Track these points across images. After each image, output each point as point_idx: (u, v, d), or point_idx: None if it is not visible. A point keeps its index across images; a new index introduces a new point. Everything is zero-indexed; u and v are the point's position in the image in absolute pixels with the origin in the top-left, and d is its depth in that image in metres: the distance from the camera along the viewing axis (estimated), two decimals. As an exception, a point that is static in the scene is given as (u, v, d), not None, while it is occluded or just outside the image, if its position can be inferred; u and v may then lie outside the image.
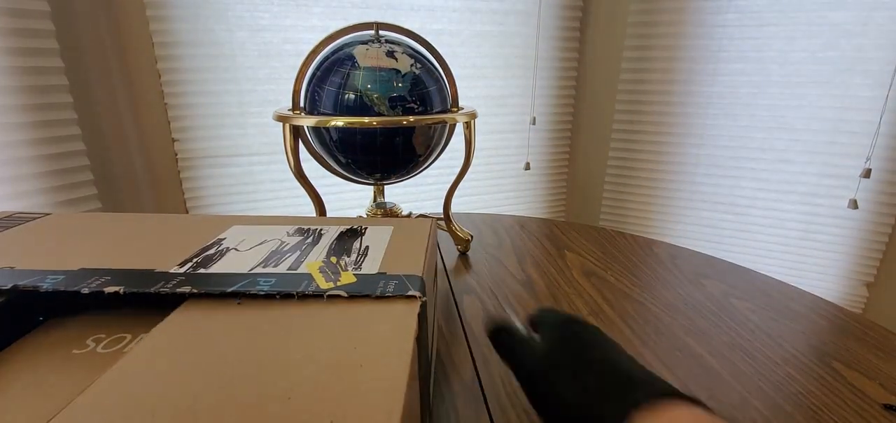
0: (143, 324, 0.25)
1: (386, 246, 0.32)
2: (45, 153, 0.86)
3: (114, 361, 0.21)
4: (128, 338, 0.24)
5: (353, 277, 0.28)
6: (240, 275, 0.27)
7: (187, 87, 1.00)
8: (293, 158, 0.53)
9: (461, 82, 1.20)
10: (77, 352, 0.23)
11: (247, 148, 1.09)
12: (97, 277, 0.26)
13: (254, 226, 0.36)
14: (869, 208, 1.16)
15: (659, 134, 1.29)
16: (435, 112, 0.53)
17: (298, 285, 0.26)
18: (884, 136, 1.10)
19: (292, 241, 0.33)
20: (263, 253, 0.30)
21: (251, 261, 0.29)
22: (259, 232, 0.34)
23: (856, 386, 0.38)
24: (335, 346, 0.22)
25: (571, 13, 1.27)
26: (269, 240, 0.33)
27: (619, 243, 0.69)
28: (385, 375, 0.20)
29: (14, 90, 0.81)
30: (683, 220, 1.33)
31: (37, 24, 0.83)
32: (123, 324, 0.25)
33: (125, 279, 0.26)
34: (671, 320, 0.48)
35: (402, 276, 0.28)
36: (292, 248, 0.32)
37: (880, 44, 1.05)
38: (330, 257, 0.30)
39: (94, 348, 0.23)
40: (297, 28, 1.04)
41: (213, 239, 0.32)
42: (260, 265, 0.29)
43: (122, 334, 0.24)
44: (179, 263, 0.28)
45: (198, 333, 0.23)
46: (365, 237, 0.34)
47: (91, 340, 0.24)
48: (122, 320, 0.26)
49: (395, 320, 0.24)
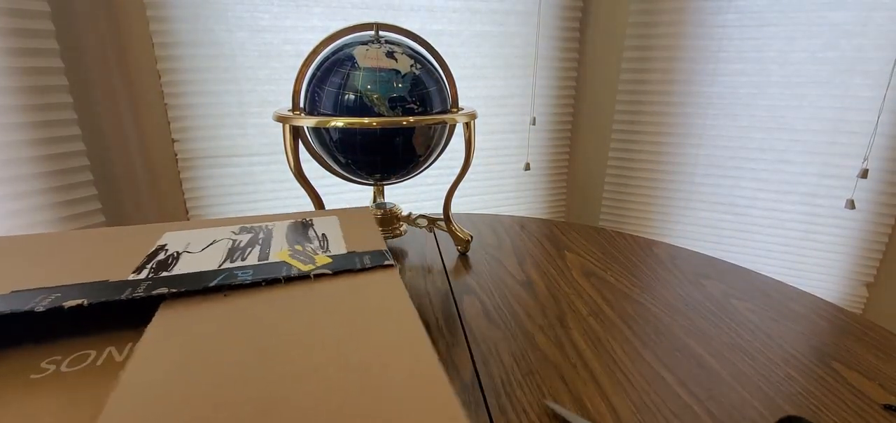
0: (107, 338, 0.23)
1: (341, 231, 0.33)
2: (45, 154, 0.86)
3: (87, 378, 0.20)
4: (92, 354, 0.22)
5: (329, 258, 0.28)
6: (212, 272, 0.26)
7: (187, 87, 1.00)
8: (293, 159, 0.53)
9: (461, 83, 1.20)
10: (36, 377, 0.20)
11: (247, 148, 1.09)
12: (45, 294, 0.23)
13: (189, 230, 0.33)
14: (869, 209, 1.16)
15: (659, 134, 1.29)
16: (435, 113, 0.53)
17: (279, 271, 0.26)
18: (883, 136, 1.10)
19: (245, 238, 0.32)
20: (221, 251, 0.29)
21: (213, 260, 0.28)
22: (201, 235, 0.32)
23: (856, 387, 0.38)
24: (341, 318, 0.22)
25: (571, 13, 1.27)
26: (220, 240, 0.31)
27: (618, 244, 0.69)
28: (403, 331, 0.21)
29: (14, 90, 0.81)
30: (683, 220, 1.33)
31: (37, 24, 0.83)
32: (81, 342, 0.23)
33: (82, 292, 0.23)
34: (671, 321, 0.48)
35: (371, 251, 0.29)
36: (249, 243, 0.31)
37: (880, 44, 1.05)
38: (295, 245, 0.30)
39: (56, 369, 0.21)
40: (297, 29, 1.04)
41: (154, 247, 0.30)
42: (227, 261, 0.28)
43: (84, 351, 0.22)
44: (133, 270, 0.26)
45: (196, 329, 0.22)
46: (316, 227, 0.34)
47: (47, 362, 0.21)
48: (76, 339, 0.23)
49: (384, 288, 0.25)
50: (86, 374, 0.20)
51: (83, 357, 0.22)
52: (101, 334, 0.23)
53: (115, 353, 0.22)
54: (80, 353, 0.22)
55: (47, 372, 0.21)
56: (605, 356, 0.42)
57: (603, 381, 0.39)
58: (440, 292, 0.53)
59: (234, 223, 0.35)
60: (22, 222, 0.84)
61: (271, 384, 0.18)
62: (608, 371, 0.40)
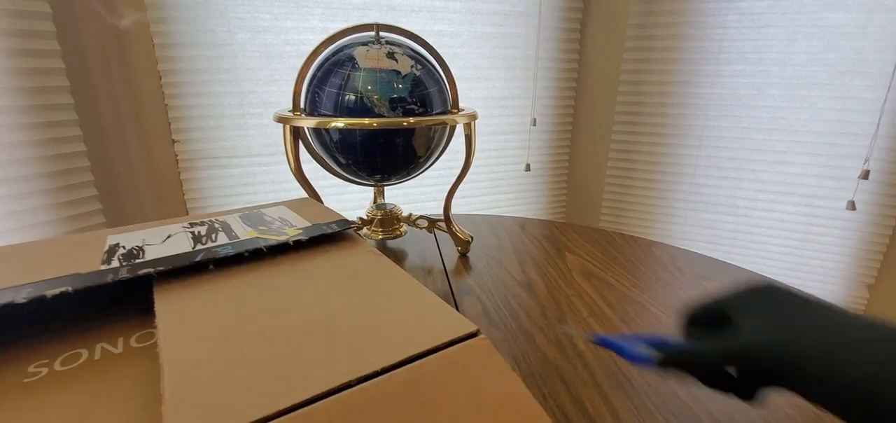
0: (93, 335, 0.22)
1: (295, 214, 0.34)
2: (47, 154, 0.86)
3: (83, 375, 0.19)
4: (84, 353, 0.21)
5: (299, 230, 0.29)
6: (188, 252, 0.26)
7: (188, 88, 1.00)
8: (293, 160, 0.53)
9: (461, 84, 1.20)
10: (29, 380, 0.19)
11: (247, 149, 1.09)
12: (19, 289, 0.21)
13: (133, 231, 0.31)
14: (869, 210, 1.16)
15: (659, 135, 1.29)
16: (435, 113, 0.53)
17: (257, 243, 0.27)
18: (883, 138, 1.10)
19: (202, 229, 0.31)
20: (185, 240, 0.28)
21: (182, 246, 0.27)
22: (151, 233, 0.31)
23: (856, 388, 0.38)
24: (337, 276, 0.24)
25: (571, 14, 1.27)
26: (176, 233, 0.30)
27: (619, 245, 0.69)
28: (395, 279, 0.24)
29: (15, 91, 0.81)
30: (684, 221, 1.33)
31: (38, 25, 0.83)
32: (66, 343, 0.21)
33: (61, 283, 0.22)
34: (671, 322, 0.48)
35: (334, 221, 0.31)
36: (209, 232, 0.30)
37: (880, 45, 1.05)
38: (259, 227, 0.30)
39: (47, 371, 0.20)
40: (297, 29, 1.04)
41: (105, 246, 0.28)
42: (197, 245, 0.27)
43: (74, 351, 0.21)
44: (101, 264, 0.25)
45: (208, 302, 0.22)
46: (270, 212, 0.35)
47: (35, 366, 0.20)
48: (61, 340, 0.22)
49: (359, 249, 0.28)
50: (83, 371, 0.20)
51: (75, 357, 0.21)
52: (84, 334, 0.23)
53: (109, 347, 0.21)
54: (70, 353, 0.21)
55: (40, 375, 0.20)
56: (605, 358, 0.42)
57: (603, 383, 0.38)
58: (440, 293, 0.53)
59: (180, 220, 0.34)
60: (23, 222, 0.84)
61: (310, 338, 0.19)
62: (608, 373, 0.40)
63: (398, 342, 0.18)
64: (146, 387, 0.19)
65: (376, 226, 0.63)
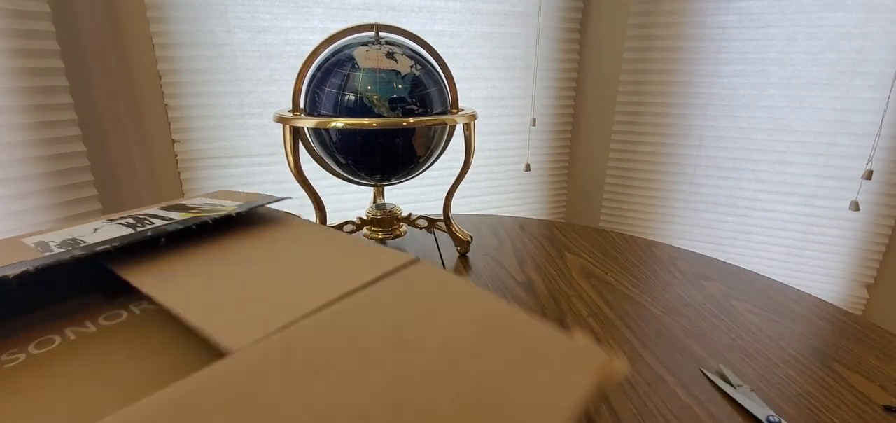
0: (55, 324, 0.20)
1: (218, 199, 0.35)
2: (46, 154, 0.86)
3: (64, 357, 0.18)
4: (57, 339, 0.19)
5: (233, 207, 0.30)
6: (136, 231, 0.25)
7: (188, 88, 1.00)
8: (293, 160, 0.53)
9: (461, 84, 1.20)
10: (10, 366, 0.18)
11: (247, 149, 1.09)
12: None
13: (53, 232, 0.29)
14: (869, 210, 1.16)
15: (659, 135, 1.29)
16: (435, 113, 0.53)
17: (202, 218, 0.27)
18: (884, 138, 1.10)
19: (131, 219, 0.29)
20: (119, 228, 0.27)
21: (119, 232, 0.26)
22: (77, 229, 0.28)
23: (856, 388, 0.38)
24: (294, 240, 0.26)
25: (571, 14, 1.27)
26: (103, 227, 0.28)
27: (619, 245, 0.69)
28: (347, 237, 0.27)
29: (15, 91, 0.81)
30: (683, 221, 1.33)
31: (37, 25, 0.83)
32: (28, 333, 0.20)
33: (11, 268, 0.20)
34: (671, 322, 0.48)
35: (261, 196, 0.33)
36: (140, 221, 0.29)
37: (880, 45, 1.05)
38: (190, 211, 0.30)
39: (25, 356, 0.18)
40: (297, 29, 1.04)
41: (33, 244, 0.26)
42: (138, 227, 0.26)
43: (45, 337, 0.20)
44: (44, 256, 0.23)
45: (181, 268, 0.22)
46: (193, 202, 0.35)
47: (7, 355, 0.18)
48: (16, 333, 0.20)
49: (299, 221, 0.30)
50: (62, 352, 0.18)
51: (48, 341, 0.19)
52: (41, 324, 0.21)
53: (81, 329, 0.20)
54: (41, 339, 0.19)
55: (18, 360, 0.18)
56: (605, 357, 0.42)
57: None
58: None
59: (95, 220, 0.32)
60: (23, 222, 0.84)
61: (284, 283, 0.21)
62: (608, 372, 0.40)
63: (364, 268, 0.22)
64: (144, 353, 0.19)
65: (376, 226, 0.63)
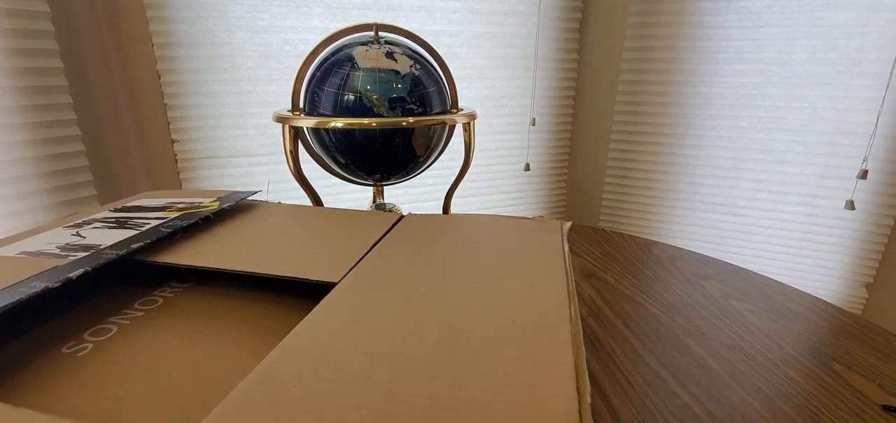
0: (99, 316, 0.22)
1: (166, 198, 0.36)
2: (45, 154, 0.86)
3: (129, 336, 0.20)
4: (113, 329, 0.21)
5: (216, 202, 0.32)
6: (154, 227, 0.26)
7: (187, 88, 1.00)
8: (293, 160, 0.53)
9: (461, 83, 1.20)
10: (81, 354, 0.19)
11: (246, 149, 1.09)
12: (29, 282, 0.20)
13: (25, 240, 0.28)
14: (868, 210, 1.16)
15: (658, 135, 1.29)
16: (434, 113, 0.53)
17: (191, 218, 0.29)
18: (882, 137, 1.10)
19: (112, 221, 0.31)
20: (118, 231, 0.27)
21: (119, 236, 0.26)
22: (54, 235, 0.28)
23: (855, 388, 0.38)
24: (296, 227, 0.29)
25: (571, 14, 1.27)
26: (91, 224, 0.29)
27: (618, 244, 0.69)
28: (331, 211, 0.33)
29: (14, 91, 0.81)
30: (683, 221, 1.33)
31: (36, 24, 0.83)
32: (80, 326, 0.21)
33: (46, 278, 0.20)
34: (671, 322, 0.48)
35: (231, 191, 0.35)
36: (120, 223, 0.29)
37: (880, 45, 1.05)
38: (170, 211, 0.32)
39: (93, 345, 0.20)
40: (296, 29, 1.04)
41: (15, 254, 0.25)
42: (128, 231, 0.27)
43: (99, 326, 0.21)
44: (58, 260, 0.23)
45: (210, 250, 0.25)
46: (162, 200, 0.36)
47: (68, 348, 0.20)
48: (66, 329, 0.21)
49: (275, 205, 0.33)
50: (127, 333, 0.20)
51: (105, 330, 0.21)
52: (87, 319, 0.22)
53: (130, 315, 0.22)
54: (96, 328, 0.21)
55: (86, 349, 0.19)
56: (604, 357, 0.42)
57: (602, 382, 0.38)
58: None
59: (63, 222, 0.32)
60: (23, 222, 0.84)
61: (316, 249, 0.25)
62: (608, 372, 0.40)
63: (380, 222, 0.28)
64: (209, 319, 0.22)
65: (376, 226, 0.63)
